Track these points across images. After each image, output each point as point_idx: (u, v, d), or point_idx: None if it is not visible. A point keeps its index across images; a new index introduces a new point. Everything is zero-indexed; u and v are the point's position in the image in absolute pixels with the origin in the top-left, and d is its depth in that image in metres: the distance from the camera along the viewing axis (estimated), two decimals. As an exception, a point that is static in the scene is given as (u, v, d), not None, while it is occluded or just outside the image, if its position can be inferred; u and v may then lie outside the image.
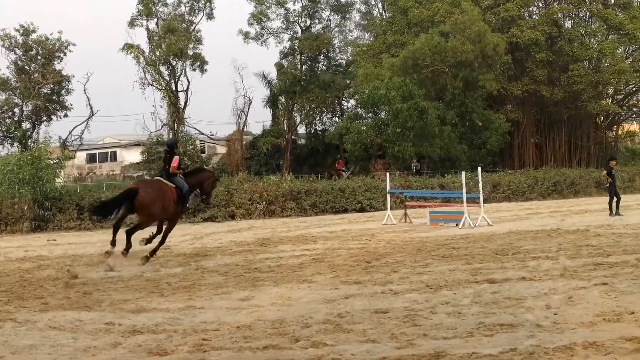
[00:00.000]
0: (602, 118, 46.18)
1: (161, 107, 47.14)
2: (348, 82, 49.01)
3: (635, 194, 36.39)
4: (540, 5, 43.75)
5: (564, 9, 41.30)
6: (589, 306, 8.70)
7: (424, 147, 36.41)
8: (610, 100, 44.56)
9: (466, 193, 21.72)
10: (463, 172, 23.34)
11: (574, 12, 42.26)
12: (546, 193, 35.33)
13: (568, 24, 42.53)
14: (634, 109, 47.91)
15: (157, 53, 46.68)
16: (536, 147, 44.13)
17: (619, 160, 37.00)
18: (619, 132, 48.86)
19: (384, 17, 51.32)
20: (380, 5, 54.89)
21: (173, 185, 14.80)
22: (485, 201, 23.78)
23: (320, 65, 52.70)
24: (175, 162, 15.04)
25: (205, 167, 19.65)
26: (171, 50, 45.66)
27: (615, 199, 23.05)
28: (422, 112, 35.59)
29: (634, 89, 45.34)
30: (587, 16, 42.34)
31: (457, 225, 20.41)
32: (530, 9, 43.79)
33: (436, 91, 39.95)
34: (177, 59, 47.22)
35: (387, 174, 26.42)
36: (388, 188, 25.04)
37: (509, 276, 11.09)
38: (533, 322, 7.95)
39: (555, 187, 35.92)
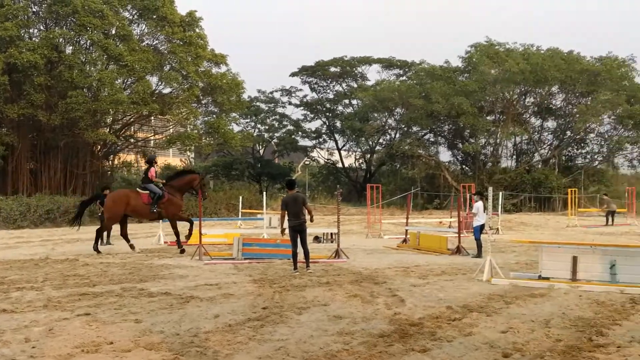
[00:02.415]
0: (100, 147, 46.75)
1: None
2: None
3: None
4: (42, 28, 42.69)
5: (64, 34, 40.82)
6: (70, 337, 8.64)
7: None
8: (108, 130, 45.16)
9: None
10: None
11: (75, 39, 42.12)
12: (39, 221, 34.77)
13: (69, 49, 42.18)
14: (131, 139, 49.51)
15: None
16: (31, 173, 42.84)
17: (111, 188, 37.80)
18: (116, 162, 49.83)
19: None
20: None
21: (145, 192, 19.89)
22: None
23: None
24: (150, 173, 20.20)
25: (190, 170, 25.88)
26: None
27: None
28: None
29: (131, 120, 46.89)
30: (88, 44, 42.46)
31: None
32: (31, 30, 42.43)
33: None
34: None
35: None
36: None
37: (-14, 309, 10.50)
38: (9, 357, 7.65)
39: (49, 215, 35.45)
